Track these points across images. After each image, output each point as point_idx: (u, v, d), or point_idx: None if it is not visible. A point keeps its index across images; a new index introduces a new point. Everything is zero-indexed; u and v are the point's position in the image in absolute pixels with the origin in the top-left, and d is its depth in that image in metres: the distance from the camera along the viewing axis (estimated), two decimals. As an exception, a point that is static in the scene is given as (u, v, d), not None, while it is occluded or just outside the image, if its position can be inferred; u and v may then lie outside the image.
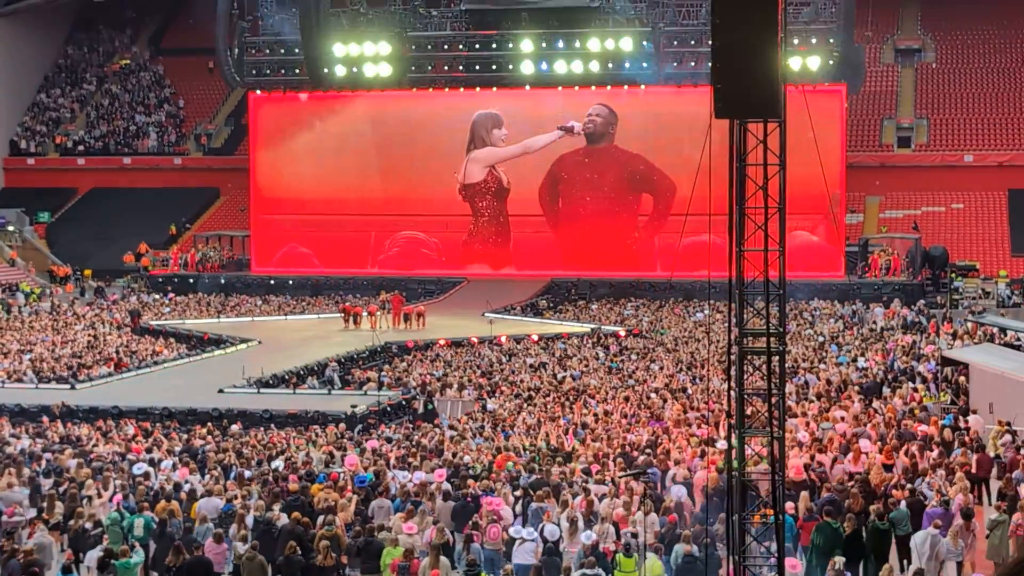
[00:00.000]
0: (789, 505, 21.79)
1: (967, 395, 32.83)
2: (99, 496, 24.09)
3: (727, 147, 17.11)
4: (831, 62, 61.96)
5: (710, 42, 17.32)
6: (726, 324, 17.59)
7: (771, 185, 17.15)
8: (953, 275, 59.49)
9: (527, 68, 65.19)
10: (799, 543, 21.64)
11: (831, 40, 61.75)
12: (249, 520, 22.24)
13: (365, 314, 53.76)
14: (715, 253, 17.23)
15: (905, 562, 21.58)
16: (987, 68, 75.87)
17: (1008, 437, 27.60)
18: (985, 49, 76.98)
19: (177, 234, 74.85)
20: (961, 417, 30.58)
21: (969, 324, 46.14)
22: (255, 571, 20.26)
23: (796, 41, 59.50)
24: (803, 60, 60.71)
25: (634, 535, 20.94)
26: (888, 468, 25.10)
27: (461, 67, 66.93)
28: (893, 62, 77.39)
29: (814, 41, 61.96)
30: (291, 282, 65.14)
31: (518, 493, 23.98)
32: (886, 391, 34.95)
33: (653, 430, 30.24)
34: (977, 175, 69.31)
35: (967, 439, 27.34)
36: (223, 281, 66.03)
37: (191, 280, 66.22)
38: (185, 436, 31.90)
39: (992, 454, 26.99)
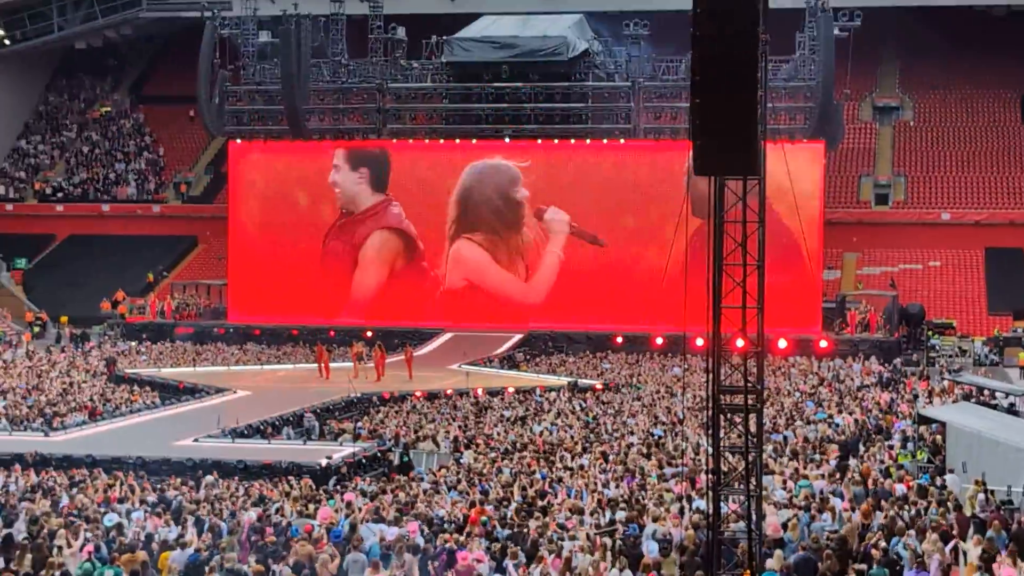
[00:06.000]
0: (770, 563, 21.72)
1: (943, 454, 32.79)
2: (69, 546, 23.82)
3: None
4: (809, 119, 62.35)
5: (689, 98, 17.35)
6: (704, 380, 17.56)
7: (750, 242, 17.17)
8: (930, 333, 59.58)
9: (507, 120, 65.53)
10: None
11: (810, 97, 62.20)
12: (221, 573, 22.01)
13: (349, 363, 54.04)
14: (693, 309, 17.18)
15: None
16: (964, 126, 76.35)
17: (983, 496, 27.54)
18: (962, 108, 77.50)
19: (154, 282, 74.57)
20: (937, 476, 30.53)
21: (946, 382, 46.18)
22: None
23: (775, 98, 59.80)
24: (782, 117, 61.12)
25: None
26: (865, 528, 25.00)
27: (441, 119, 67.36)
28: (871, 119, 77.85)
29: (793, 99, 62.45)
30: (268, 331, 64.87)
31: (493, 548, 23.80)
32: (862, 449, 34.89)
33: (629, 486, 30.11)
34: (954, 233, 69.55)
35: (944, 499, 27.26)
36: (200, 330, 65.73)
37: (167, 328, 65.94)
38: (159, 486, 31.62)
39: (968, 514, 26.92)
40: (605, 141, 64.94)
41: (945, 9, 72.71)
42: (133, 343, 63.71)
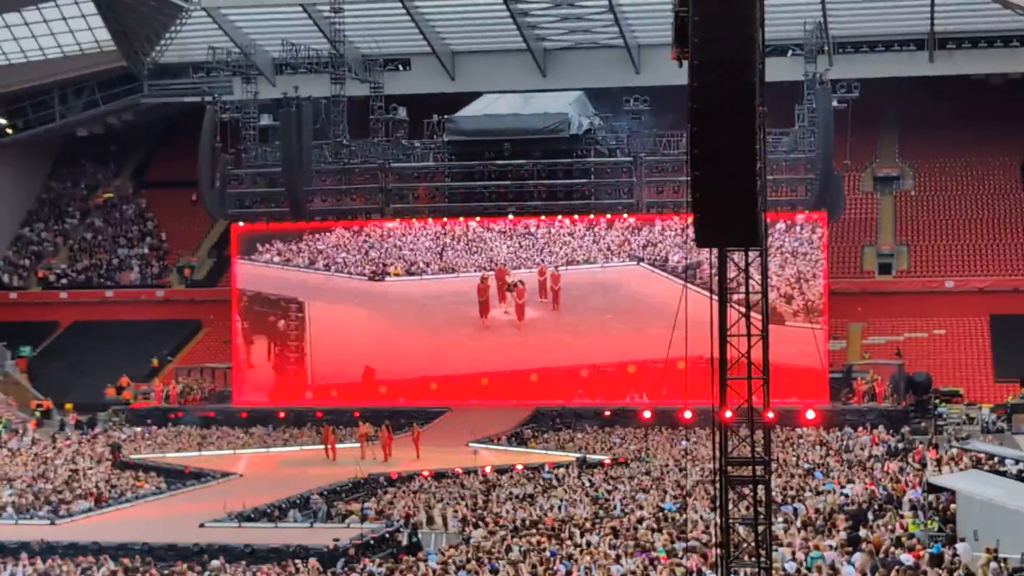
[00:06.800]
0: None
1: (954, 522, 32.54)
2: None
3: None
4: (811, 191, 62.55)
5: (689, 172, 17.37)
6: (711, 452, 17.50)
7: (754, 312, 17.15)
8: (937, 401, 59.38)
9: (510, 197, 65.77)
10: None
11: (810, 168, 62.44)
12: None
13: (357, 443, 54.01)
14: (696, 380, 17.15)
15: None
16: (965, 194, 76.44)
17: (995, 565, 27.30)
18: (963, 176, 77.62)
19: (159, 367, 74.49)
20: (949, 545, 30.29)
21: (954, 450, 45.94)
22: None
23: (776, 170, 60.01)
24: (783, 189, 61.45)
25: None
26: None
27: (445, 197, 67.56)
28: (872, 190, 78.01)
29: (794, 171, 62.72)
30: (274, 414, 64.68)
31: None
32: (872, 519, 34.64)
33: (641, 561, 29.89)
34: (958, 301, 69.47)
35: (956, 568, 27.03)
36: (205, 414, 65.52)
37: (173, 413, 65.73)
38: (165, 572, 31.46)
39: (981, 582, 26.68)
40: (608, 216, 65.07)
41: (943, 79, 73.01)
42: (138, 428, 63.53)
